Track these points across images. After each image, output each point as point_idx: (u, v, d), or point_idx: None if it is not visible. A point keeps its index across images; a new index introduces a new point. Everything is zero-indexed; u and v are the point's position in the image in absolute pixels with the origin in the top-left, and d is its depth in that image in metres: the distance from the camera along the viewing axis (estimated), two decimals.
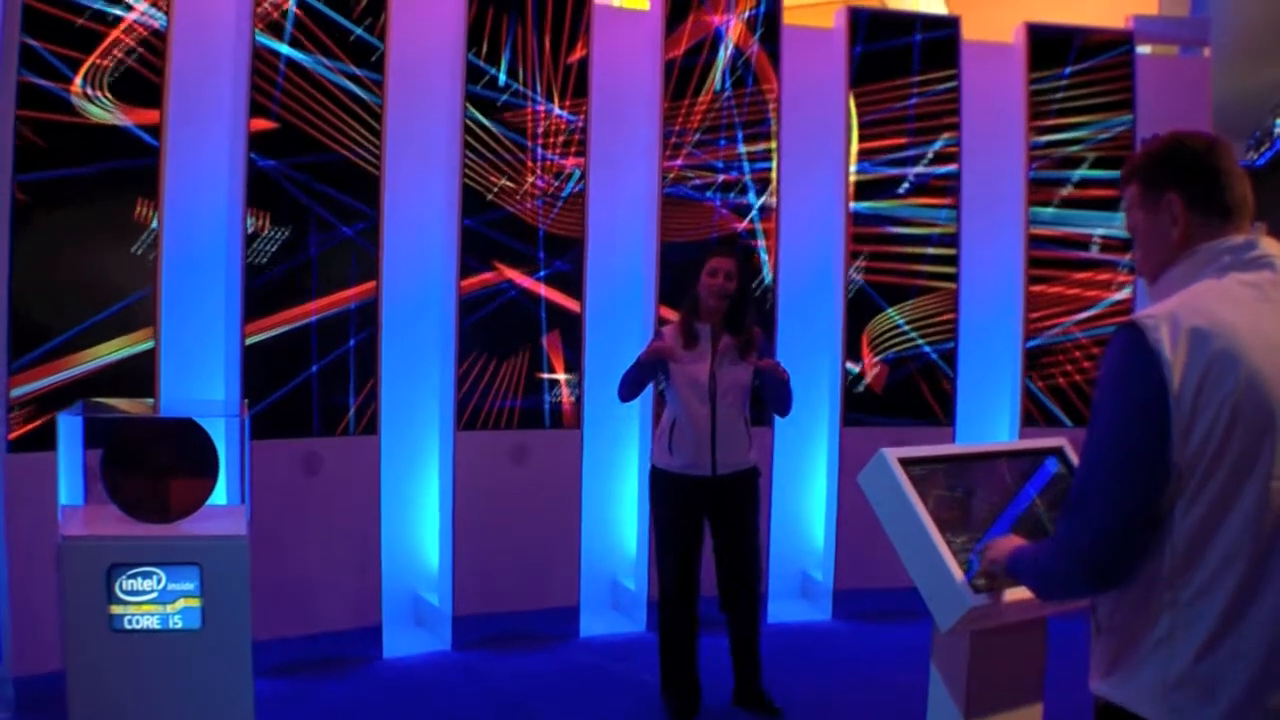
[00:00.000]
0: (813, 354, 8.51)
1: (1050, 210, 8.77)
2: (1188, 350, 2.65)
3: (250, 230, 6.81)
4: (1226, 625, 2.65)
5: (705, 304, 6.28)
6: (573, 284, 7.75)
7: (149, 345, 6.55)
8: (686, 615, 6.41)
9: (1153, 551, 2.71)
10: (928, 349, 8.56)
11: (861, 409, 8.41)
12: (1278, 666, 2.65)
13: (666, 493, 6.40)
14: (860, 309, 8.44)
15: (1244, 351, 2.65)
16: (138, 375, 6.51)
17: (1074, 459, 4.16)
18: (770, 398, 6.44)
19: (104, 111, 6.42)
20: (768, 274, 8.17)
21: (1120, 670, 2.78)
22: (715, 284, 6.22)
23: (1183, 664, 2.68)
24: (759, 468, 6.48)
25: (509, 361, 7.59)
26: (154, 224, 6.53)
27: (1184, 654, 2.68)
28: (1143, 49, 9.21)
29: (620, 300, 8.21)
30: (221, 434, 6.02)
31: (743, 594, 6.44)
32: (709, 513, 6.38)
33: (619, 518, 8.43)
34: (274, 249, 6.89)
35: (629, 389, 6.39)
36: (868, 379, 8.36)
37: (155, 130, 6.54)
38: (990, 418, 8.97)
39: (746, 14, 8.18)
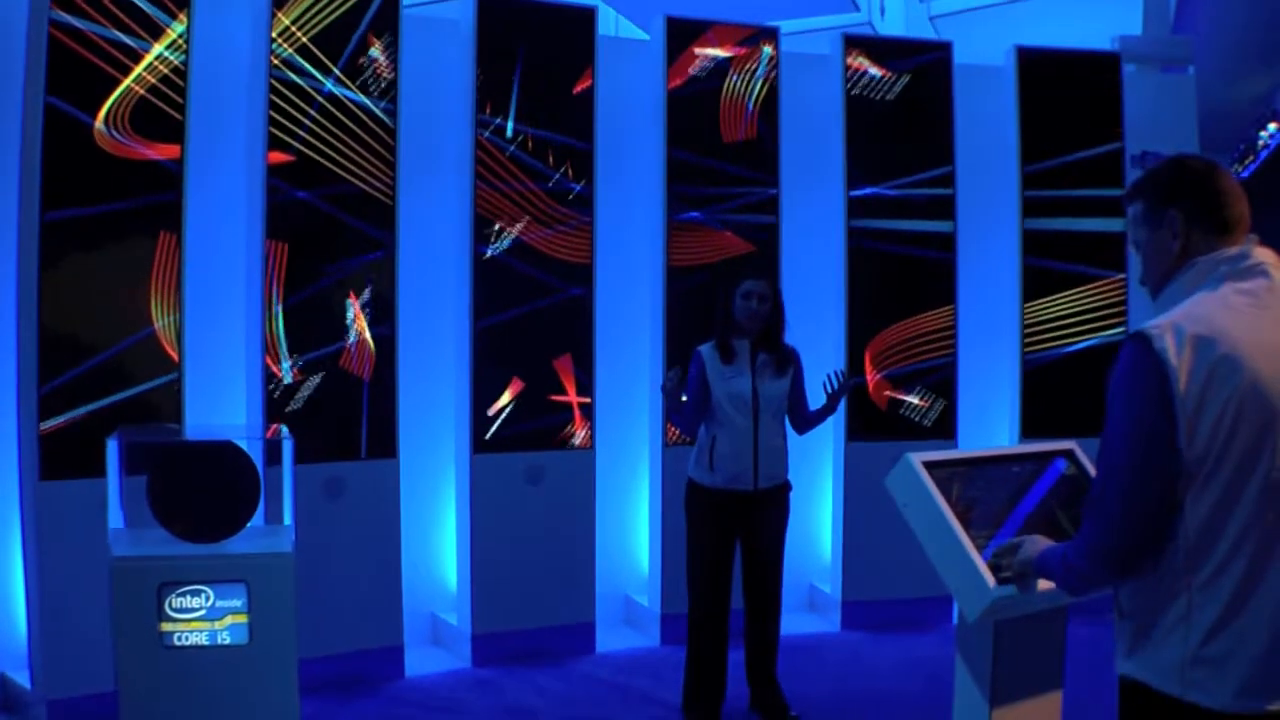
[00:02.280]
0: (815, 370, 8.69)
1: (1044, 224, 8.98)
2: (1192, 356, 2.85)
3: (270, 259, 7.00)
4: (1238, 604, 2.85)
5: (740, 325, 6.42)
6: (583, 308, 7.94)
7: (173, 375, 6.71)
8: (719, 630, 6.51)
9: (1169, 540, 2.90)
10: (928, 365, 8.76)
11: (866, 425, 8.58)
12: None
13: (706, 510, 6.48)
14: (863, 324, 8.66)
15: (1244, 356, 2.85)
16: (163, 404, 6.68)
17: (1084, 460, 4.36)
18: (816, 416, 6.72)
19: (127, 146, 6.59)
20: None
21: (1142, 649, 2.97)
22: (749, 306, 6.39)
23: (1199, 641, 2.87)
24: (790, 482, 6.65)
25: (523, 384, 7.77)
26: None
27: (1200, 632, 2.87)
28: (1129, 68, 9.42)
29: (630, 323, 8.40)
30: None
31: (769, 605, 6.58)
32: (745, 526, 6.49)
33: (631, 535, 8.59)
34: (293, 277, 7.07)
35: (689, 422, 6.47)
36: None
37: (177, 164, 6.71)
38: (991, 433, 9.15)
39: (747, 40, 8.38)
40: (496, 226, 7.67)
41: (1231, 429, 2.84)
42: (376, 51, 7.29)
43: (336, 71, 7.17)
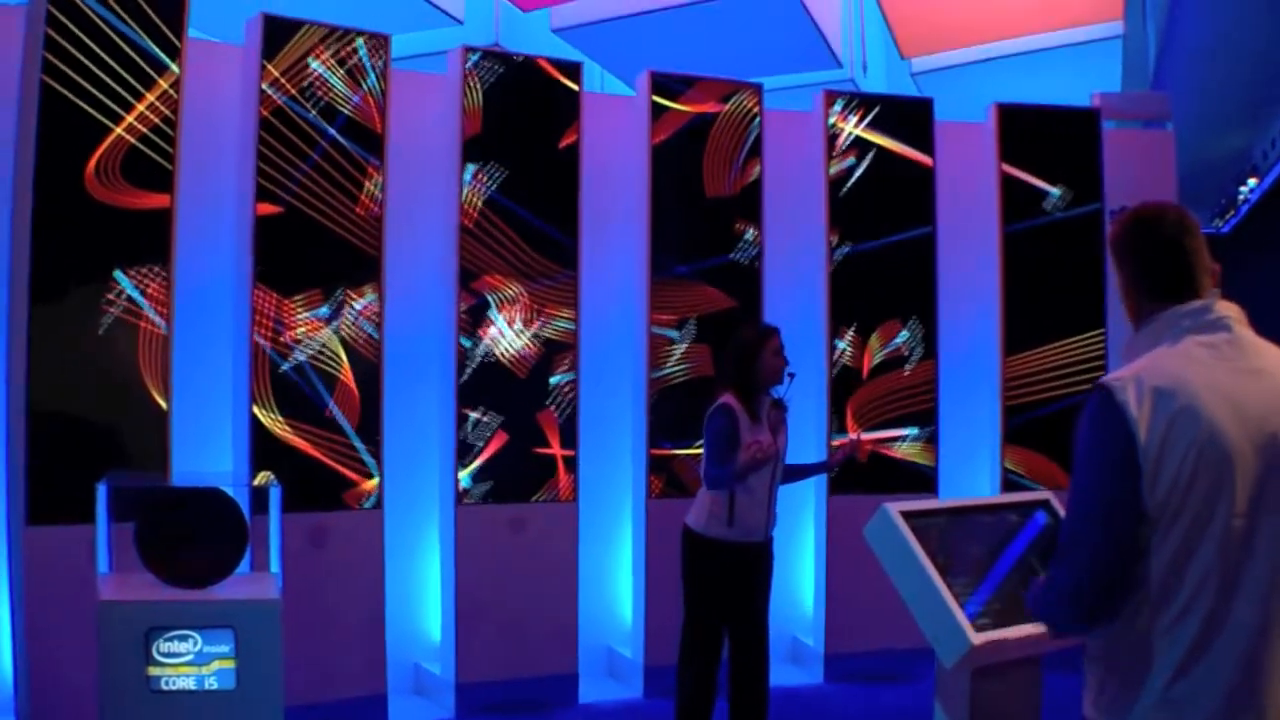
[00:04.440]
0: (798, 425, 8.75)
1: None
2: (1152, 408, 2.93)
3: (257, 304, 7.06)
4: (1199, 651, 2.92)
5: (768, 381, 6.48)
6: (568, 361, 8.01)
7: (161, 421, 6.75)
8: (715, 681, 6.55)
9: (1135, 585, 2.97)
10: (910, 418, 8.83)
11: (848, 478, 8.61)
12: (1245, 687, 2.92)
13: (723, 563, 6.45)
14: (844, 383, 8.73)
15: (1203, 407, 2.94)
16: (150, 450, 6.71)
17: (1061, 510, 4.43)
18: (799, 473, 6.86)
19: (117, 194, 6.66)
20: None
21: (1106, 694, 3.05)
22: (783, 363, 6.48)
23: (1160, 687, 2.94)
24: None
25: (507, 436, 7.82)
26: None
27: (1161, 678, 2.94)
28: (1108, 125, 9.53)
29: (613, 377, 8.46)
30: None
31: (765, 654, 6.61)
32: (752, 576, 6.53)
33: (614, 587, 8.62)
34: (281, 325, 7.13)
35: (732, 485, 6.36)
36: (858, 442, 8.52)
37: (167, 212, 6.78)
38: (971, 488, 9.18)
39: (730, 96, 8.49)
40: (482, 278, 7.74)
41: (1190, 478, 2.91)
42: (364, 104, 7.38)
43: (326, 125, 7.25)
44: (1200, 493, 2.91)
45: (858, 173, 8.80)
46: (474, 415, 7.71)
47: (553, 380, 7.96)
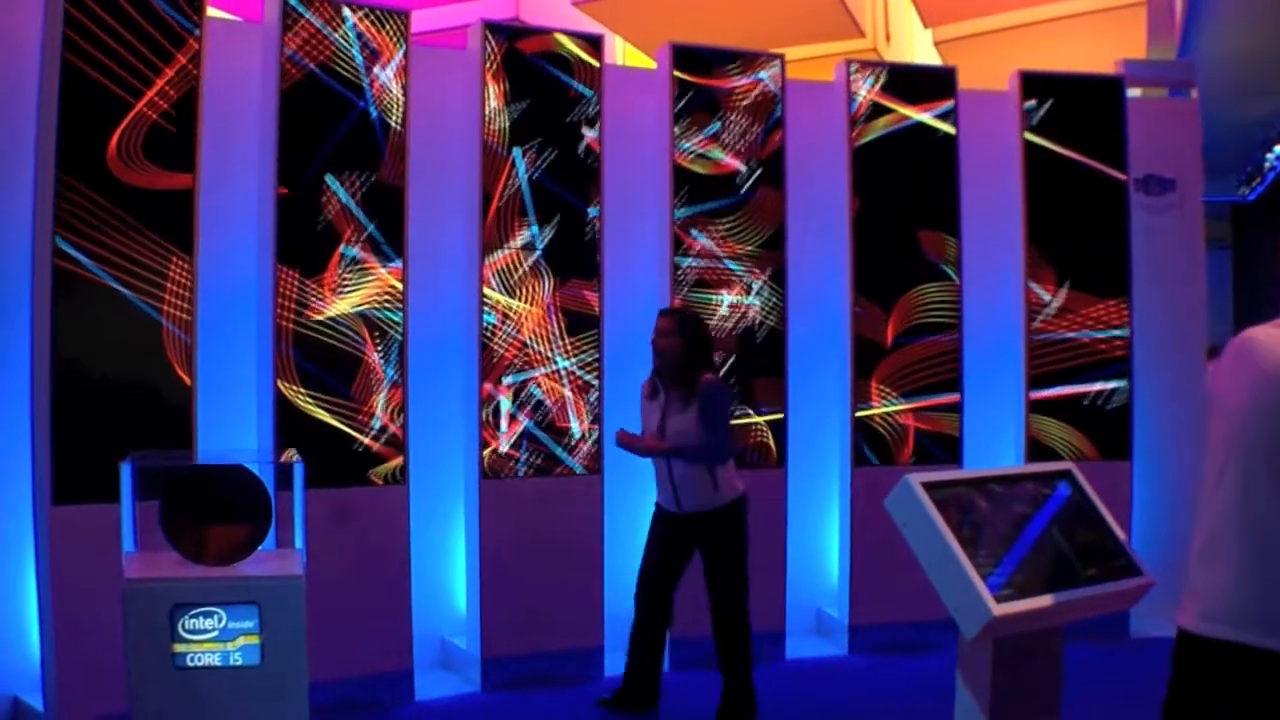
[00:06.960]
0: (823, 398, 8.75)
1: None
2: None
3: (279, 280, 7.08)
4: (1249, 572, 3.19)
5: (655, 360, 6.90)
6: (592, 336, 8.02)
7: (185, 400, 6.78)
8: (646, 624, 7.08)
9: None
10: (934, 389, 8.82)
11: (870, 451, 8.63)
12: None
13: (652, 522, 7.15)
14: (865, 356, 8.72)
15: None
16: (176, 428, 6.75)
17: (1083, 481, 4.42)
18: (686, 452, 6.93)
19: (139, 172, 6.67)
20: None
21: (1184, 604, 3.33)
22: (653, 341, 6.86)
23: (1222, 595, 3.23)
24: (738, 505, 6.87)
25: (529, 410, 7.83)
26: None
27: (1226, 593, 3.22)
28: (1133, 92, 9.48)
29: (637, 350, 8.41)
30: None
31: (725, 625, 6.91)
32: (692, 546, 6.99)
33: (638, 561, 8.59)
34: (303, 303, 7.14)
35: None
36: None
37: (189, 189, 6.80)
38: (996, 460, 9.16)
39: (752, 67, 8.46)
40: (501, 253, 7.74)
41: (1260, 420, 3.19)
42: (385, 78, 7.37)
43: (348, 100, 7.26)
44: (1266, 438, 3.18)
45: (881, 142, 8.77)
46: (497, 389, 7.71)
47: (574, 354, 7.97)
